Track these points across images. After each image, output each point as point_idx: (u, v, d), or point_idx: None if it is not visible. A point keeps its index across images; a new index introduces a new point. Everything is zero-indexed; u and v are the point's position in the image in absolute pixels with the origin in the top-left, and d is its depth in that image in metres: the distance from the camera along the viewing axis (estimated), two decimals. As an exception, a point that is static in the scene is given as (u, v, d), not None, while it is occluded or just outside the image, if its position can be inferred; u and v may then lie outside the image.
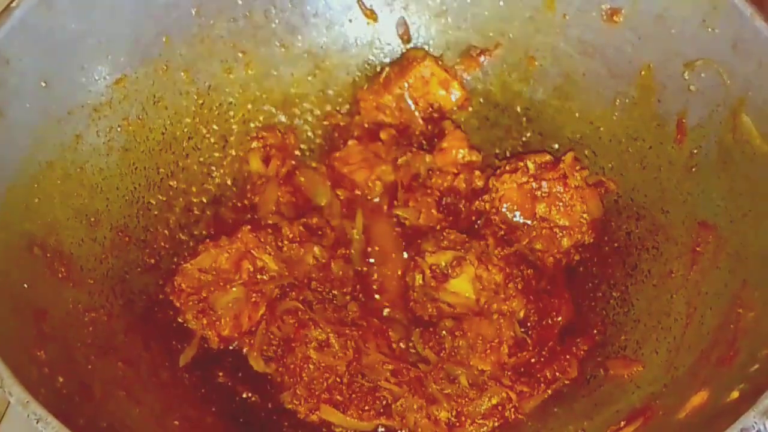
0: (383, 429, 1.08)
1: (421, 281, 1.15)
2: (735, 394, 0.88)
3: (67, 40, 1.08)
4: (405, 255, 1.22)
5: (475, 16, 1.30)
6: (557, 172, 1.19)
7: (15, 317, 0.91)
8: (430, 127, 1.33)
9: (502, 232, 1.21)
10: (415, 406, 1.06)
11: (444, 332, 1.11)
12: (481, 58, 1.32)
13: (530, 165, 1.20)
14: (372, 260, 1.23)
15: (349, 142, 1.29)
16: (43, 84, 1.05)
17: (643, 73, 1.19)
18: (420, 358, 1.12)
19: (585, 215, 1.19)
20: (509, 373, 1.10)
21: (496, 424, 1.07)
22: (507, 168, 1.21)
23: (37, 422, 0.78)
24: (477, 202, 1.23)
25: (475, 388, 1.08)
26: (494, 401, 1.07)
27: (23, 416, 0.79)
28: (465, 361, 1.10)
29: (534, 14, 1.26)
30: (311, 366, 1.07)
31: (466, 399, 1.07)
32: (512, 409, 1.08)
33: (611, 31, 1.20)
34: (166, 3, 1.19)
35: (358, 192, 1.26)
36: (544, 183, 1.19)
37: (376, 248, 1.24)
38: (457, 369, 1.09)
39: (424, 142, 1.33)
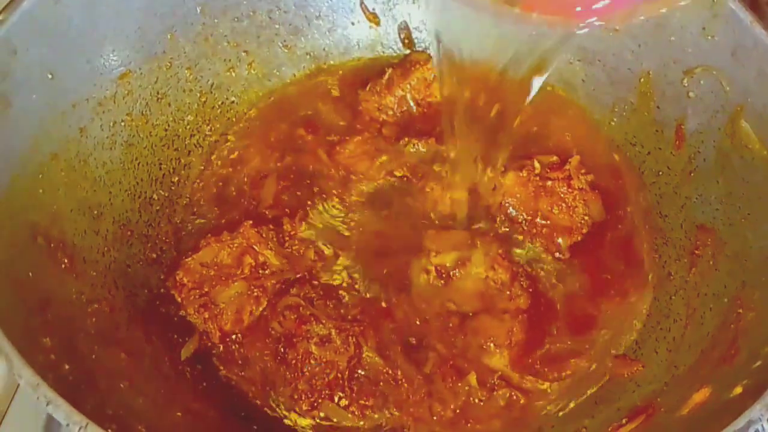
0: (386, 425, 1.07)
1: (426, 281, 1.15)
2: (738, 390, 0.89)
3: (73, 34, 1.07)
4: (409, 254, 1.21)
5: (477, 20, 1.32)
6: (563, 172, 1.20)
7: (21, 304, 0.90)
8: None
9: (506, 228, 1.21)
10: (418, 404, 1.07)
11: (451, 332, 1.11)
12: (482, 63, 1.33)
13: (536, 164, 1.21)
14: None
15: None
16: (50, 76, 1.04)
17: (642, 80, 1.20)
18: (425, 357, 1.12)
19: (586, 217, 1.20)
20: (516, 372, 1.10)
21: (502, 422, 1.07)
22: (513, 166, 1.22)
23: (48, 404, 0.77)
24: (481, 199, 1.23)
25: (483, 387, 1.08)
26: (501, 402, 1.07)
27: (31, 399, 0.77)
28: (473, 360, 1.10)
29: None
30: (312, 361, 1.07)
31: (473, 398, 1.07)
32: (518, 408, 1.08)
33: (611, 38, 1.22)
34: (172, 1, 1.19)
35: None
36: (548, 182, 1.20)
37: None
38: (465, 368, 1.09)
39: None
